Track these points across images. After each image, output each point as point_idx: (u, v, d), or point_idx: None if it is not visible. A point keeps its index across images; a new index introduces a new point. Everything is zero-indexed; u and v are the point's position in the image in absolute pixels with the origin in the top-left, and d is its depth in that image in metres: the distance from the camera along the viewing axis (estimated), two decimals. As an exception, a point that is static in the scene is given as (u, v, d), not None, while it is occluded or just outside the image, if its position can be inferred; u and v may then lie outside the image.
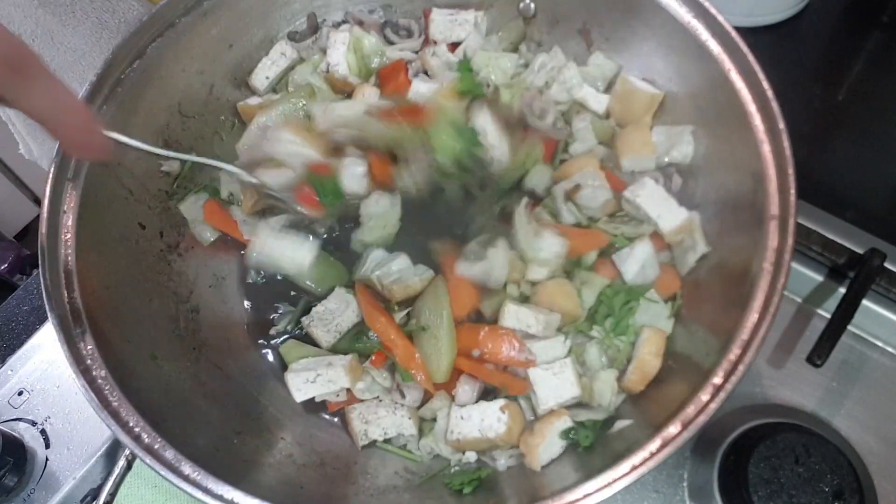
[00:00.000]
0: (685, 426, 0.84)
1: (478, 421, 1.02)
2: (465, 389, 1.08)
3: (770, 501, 1.01)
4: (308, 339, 1.18)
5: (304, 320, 1.15)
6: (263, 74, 1.30)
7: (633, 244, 1.10)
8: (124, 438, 0.90)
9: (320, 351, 1.16)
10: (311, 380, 1.08)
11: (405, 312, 1.14)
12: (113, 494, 1.01)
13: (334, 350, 1.16)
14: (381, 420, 1.09)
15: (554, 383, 1.03)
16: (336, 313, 1.15)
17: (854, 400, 1.20)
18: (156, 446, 0.90)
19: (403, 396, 1.10)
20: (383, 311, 1.13)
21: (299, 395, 1.09)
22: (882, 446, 1.15)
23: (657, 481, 1.14)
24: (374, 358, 1.13)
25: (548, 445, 1.00)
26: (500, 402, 1.03)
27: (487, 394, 1.11)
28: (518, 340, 1.06)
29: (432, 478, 1.06)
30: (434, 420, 1.10)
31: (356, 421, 1.10)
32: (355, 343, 1.16)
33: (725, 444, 1.11)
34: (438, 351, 1.06)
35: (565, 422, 1.02)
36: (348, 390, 1.13)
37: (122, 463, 1.07)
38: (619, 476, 0.83)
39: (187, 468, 0.89)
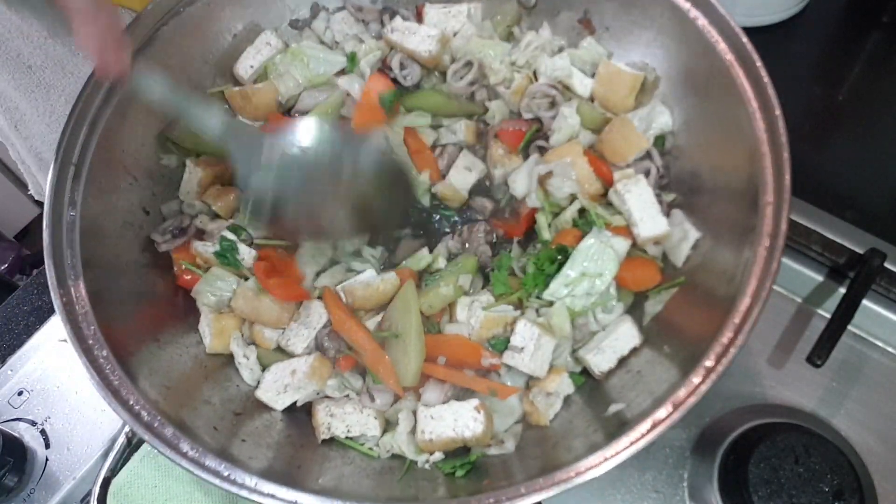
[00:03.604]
0: (676, 408, 0.85)
1: (451, 421, 1.02)
2: (433, 391, 1.07)
3: (770, 501, 1.01)
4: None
5: (281, 340, 1.14)
6: (248, 63, 1.30)
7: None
8: (124, 416, 0.91)
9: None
10: (281, 391, 1.08)
11: (378, 318, 1.13)
12: (113, 471, 1.01)
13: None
14: (347, 416, 1.07)
15: (539, 358, 1.05)
16: (307, 324, 1.14)
17: (854, 400, 1.20)
18: (155, 424, 0.91)
19: (373, 400, 1.08)
20: (351, 315, 1.12)
21: (279, 405, 1.09)
22: (882, 446, 1.15)
23: (657, 481, 1.14)
24: (340, 361, 1.12)
25: (552, 402, 1.05)
26: (474, 401, 1.03)
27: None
28: (480, 348, 1.07)
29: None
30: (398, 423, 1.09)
31: (321, 413, 1.08)
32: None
33: (725, 444, 1.11)
34: (407, 355, 1.06)
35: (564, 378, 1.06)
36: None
37: (121, 440, 1.08)
38: (612, 455, 0.84)
39: (186, 446, 0.90)
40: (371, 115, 1.24)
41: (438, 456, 1.03)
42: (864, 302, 1.19)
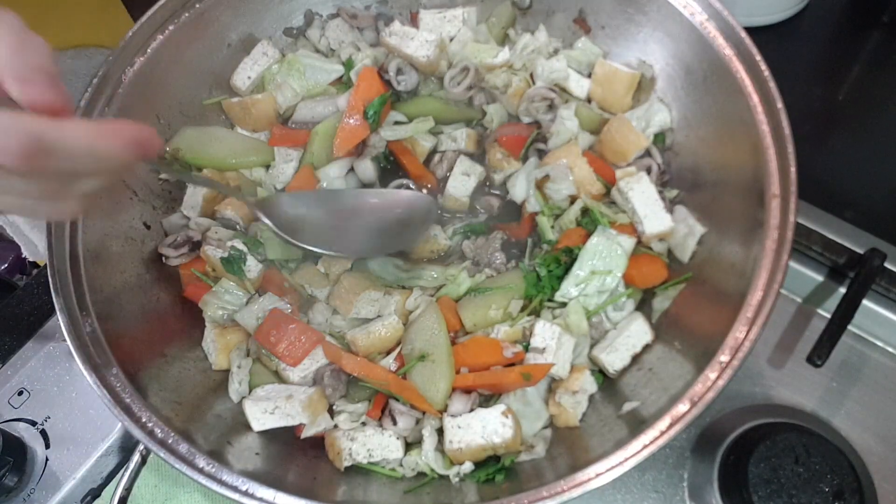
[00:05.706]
0: (694, 404, 0.85)
1: (479, 428, 1.00)
2: (459, 401, 1.05)
3: (770, 501, 1.01)
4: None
5: (279, 364, 1.10)
6: (245, 74, 1.30)
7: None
8: (138, 434, 0.91)
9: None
10: (269, 410, 1.04)
11: (388, 359, 1.10)
12: (129, 490, 1.01)
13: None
14: (369, 439, 1.03)
15: (562, 356, 1.05)
16: (311, 356, 1.11)
17: (854, 400, 1.20)
18: (169, 441, 0.91)
19: (395, 423, 1.05)
20: (358, 356, 1.10)
21: (257, 425, 1.04)
22: (882, 446, 1.15)
23: (657, 481, 1.14)
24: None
25: (579, 400, 1.04)
26: (501, 407, 1.02)
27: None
28: (498, 342, 1.07)
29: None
30: (418, 442, 1.06)
31: (341, 439, 1.04)
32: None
33: (725, 444, 1.11)
34: (436, 376, 1.04)
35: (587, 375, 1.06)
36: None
37: (136, 458, 1.07)
38: (631, 455, 0.84)
39: (202, 461, 0.90)
40: (354, 135, 1.23)
41: (468, 467, 1.01)
42: (864, 302, 1.19)
